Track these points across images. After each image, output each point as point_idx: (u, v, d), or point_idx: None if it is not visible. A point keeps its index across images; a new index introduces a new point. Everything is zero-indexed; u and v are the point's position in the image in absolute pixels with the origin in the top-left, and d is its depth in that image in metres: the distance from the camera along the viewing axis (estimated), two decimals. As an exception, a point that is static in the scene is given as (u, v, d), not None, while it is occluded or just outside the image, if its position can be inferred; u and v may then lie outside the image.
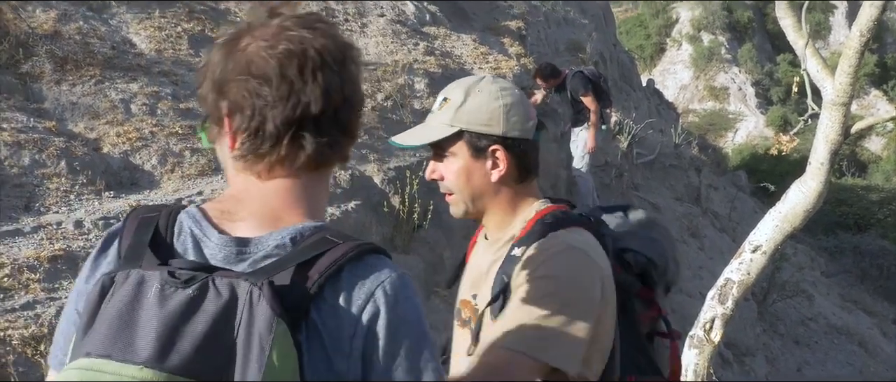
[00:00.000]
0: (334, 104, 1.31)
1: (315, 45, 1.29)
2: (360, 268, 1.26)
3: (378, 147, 7.70)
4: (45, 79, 6.27)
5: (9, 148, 5.36)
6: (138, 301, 1.15)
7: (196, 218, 1.32)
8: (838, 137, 5.59)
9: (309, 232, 1.29)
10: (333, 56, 1.31)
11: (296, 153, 1.31)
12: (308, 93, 1.28)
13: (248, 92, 1.28)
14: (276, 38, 1.29)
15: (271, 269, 1.21)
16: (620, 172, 12.86)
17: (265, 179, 1.33)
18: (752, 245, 6.00)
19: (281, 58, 1.27)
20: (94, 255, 1.35)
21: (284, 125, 1.28)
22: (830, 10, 52.08)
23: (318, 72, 1.28)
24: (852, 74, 5.39)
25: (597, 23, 19.07)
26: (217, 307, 1.14)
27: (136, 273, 1.18)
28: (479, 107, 1.99)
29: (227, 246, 1.28)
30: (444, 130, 2.02)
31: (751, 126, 45.56)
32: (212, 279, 1.17)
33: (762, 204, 18.06)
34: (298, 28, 1.30)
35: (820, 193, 5.76)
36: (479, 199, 2.07)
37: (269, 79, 1.27)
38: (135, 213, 1.35)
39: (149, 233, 1.29)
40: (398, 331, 1.25)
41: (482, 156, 2.01)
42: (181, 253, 1.28)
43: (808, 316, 14.00)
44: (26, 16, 6.79)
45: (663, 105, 23.86)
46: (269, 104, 1.27)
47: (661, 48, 51.48)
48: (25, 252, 4.50)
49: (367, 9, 11.11)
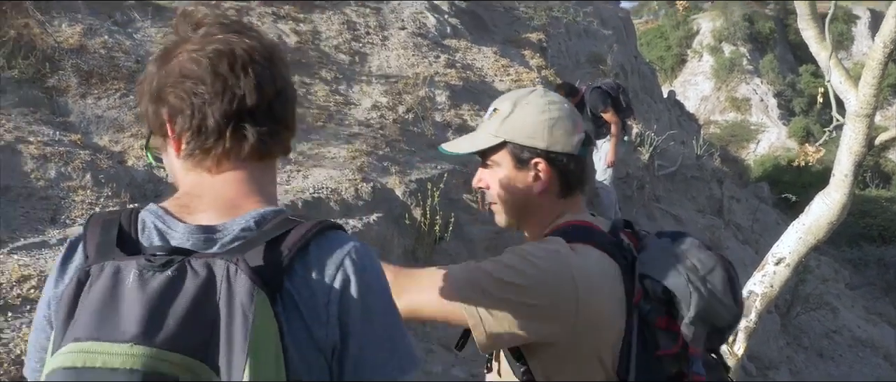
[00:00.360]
0: (267, 96, 1.38)
1: (242, 45, 1.37)
2: (326, 242, 1.34)
3: (399, 159, 7.72)
4: (71, 93, 6.34)
5: (35, 161, 5.42)
6: (117, 288, 1.19)
7: (158, 214, 1.36)
8: (862, 149, 5.56)
9: (271, 215, 1.35)
10: (260, 53, 1.38)
11: (240, 144, 1.38)
12: (242, 86, 1.35)
13: (185, 93, 1.35)
14: (203, 42, 1.37)
15: (243, 248, 1.27)
16: (642, 184, 12.81)
17: (215, 173, 1.40)
18: (776, 257, 5.97)
19: (211, 57, 1.35)
20: (60, 262, 1.38)
21: (224, 118, 1.35)
22: (853, 20, 51.78)
23: (249, 66, 1.36)
24: (876, 85, 5.37)
25: (618, 34, 19.05)
26: (196, 285, 1.18)
27: (110, 264, 1.22)
28: (524, 120, 1.99)
29: (194, 234, 1.32)
30: (488, 140, 2.02)
31: (773, 137, 45.28)
32: (187, 260, 1.22)
33: (785, 215, 17.95)
34: (223, 32, 1.39)
35: (844, 205, 5.73)
36: (520, 211, 2.07)
37: (203, 78, 1.34)
38: (94, 218, 1.37)
39: (114, 231, 1.32)
40: (369, 294, 1.33)
41: (525, 168, 2.00)
42: (147, 246, 1.31)
43: (832, 328, 13.88)
44: (53, 30, 6.87)
45: (684, 116, 23.77)
46: (207, 101, 1.34)
47: (682, 59, 51.29)
48: (51, 263, 4.53)
49: (388, 22, 11.16)
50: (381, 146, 7.76)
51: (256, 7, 9.39)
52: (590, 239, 1.92)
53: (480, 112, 9.80)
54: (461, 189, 7.85)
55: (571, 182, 2.03)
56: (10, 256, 4.55)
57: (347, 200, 6.47)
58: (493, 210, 2.13)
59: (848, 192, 5.70)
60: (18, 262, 4.49)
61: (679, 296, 1.86)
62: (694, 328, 1.87)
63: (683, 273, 1.88)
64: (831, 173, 5.80)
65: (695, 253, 1.92)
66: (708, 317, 1.86)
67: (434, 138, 8.67)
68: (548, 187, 2.01)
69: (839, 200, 5.71)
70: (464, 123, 9.42)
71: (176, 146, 1.40)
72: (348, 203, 6.46)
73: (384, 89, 9.01)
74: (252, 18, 9.10)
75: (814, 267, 14.54)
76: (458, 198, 7.72)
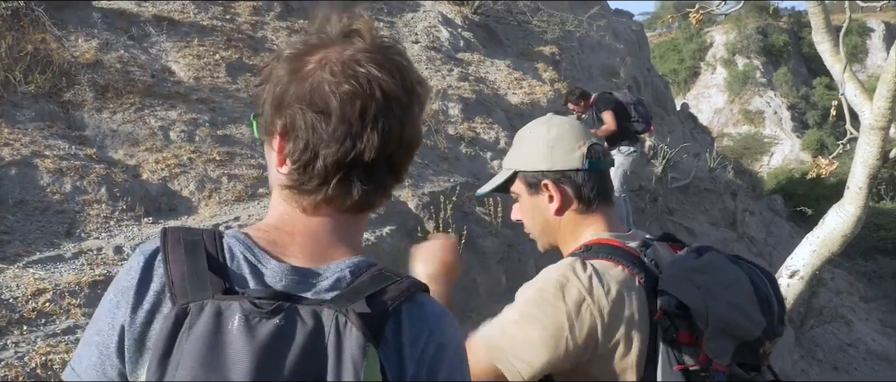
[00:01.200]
0: (390, 150, 1.27)
1: (383, 87, 1.24)
2: (417, 308, 1.27)
3: (412, 172, 7.73)
4: (87, 107, 6.38)
5: (51, 175, 5.46)
6: (221, 332, 1.13)
7: (247, 245, 1.29)
8: (877, 162, 5.55)
9: (364, 265, 1.29)
10: (399, 100, 1.26)
11: (343, 197, 1.28)
12: (365, 139, 1.24)
13: (304, 123, 1.24)
14: (344, 72, 1.24)
15: (348, 297, 1.21)
16: (655, 197, 12.79)
17: (311, 215, 1.31)
18: (790, 270, 5.95)
19: (344, 97, 1.23)
20: (137, 282, 1.26)
21: (334, 166, 1.25)
22: (867, 33, 51.66)
23: (380, 117, 1.24)
24: (891, 98, 5.36)
25: (631, 47, 19.06)
26: (305, 335, 1.13)
27: (211, 303, 1.15)
28: (527, 147, 2.09)
29: (289, 275, 1.25)
30: (502, 175, 2.14)
31: (786, 150, 45.15)
32: (295, 307, 1.16)
33: (799, 228, 17.89)
34: (369, 64, 1.25)
35: (858, 218, 5.72)
36: (546, 233, 2.13)
37: (329, 115, 1.23)
38: (173, 235, 1.28)
39: (203, 259, 1.24)
40: (454, 373, 1.27)
41: (537, 192, 2.08)
42: (237, 278, 1.24)
43: (846, 341, 13.81)
44: (69, 45, 6.92)
45: (698, 129, 23.72)
46: (324, 142, 1.24)
47: (695, 72, 51.25)
48: (67, 277, 4.57)
49: (401, 35, 11.20)
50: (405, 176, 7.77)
51: (271, 22, 9.44)
52: (609, 256, 1.94)
53: (493, 125, 9.82)
54: (474, 202, 7.86)
55: (588, 196, 2.05)
56: (26, 270, 4.58)
57: (361, 213, 6.48)
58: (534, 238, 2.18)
59: (862, 205, 5.68)
60: (34, 276, 4.52)
61: (694, 310, 1.83)
62: (716, 342, 1.82)
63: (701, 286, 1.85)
64: (846, 186, 5.78)
65: (717, 265, 1.90)
66: (730, 330, 1.82)
67: (447, 151, 8.69)
68: (563, 205, 2.05)
69: (854, 213, 5.69)
70: (476, 136, 9.44)
71: (279, 161, 1.30)
72: (361, 216, 6.47)
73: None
74: (266, 32, 9.15)
75: (828, 279, 14.49)
76: (471, 212, 7.72)
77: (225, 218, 5.77)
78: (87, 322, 4.23)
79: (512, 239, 7.85)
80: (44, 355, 3.91)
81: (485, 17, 13.65)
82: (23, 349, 3.95)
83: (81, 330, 4.16)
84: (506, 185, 2.15)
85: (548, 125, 2.10)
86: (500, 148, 9.50)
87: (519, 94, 11.27)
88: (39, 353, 3.92)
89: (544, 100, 11.43)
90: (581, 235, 2.06)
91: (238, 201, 6.10)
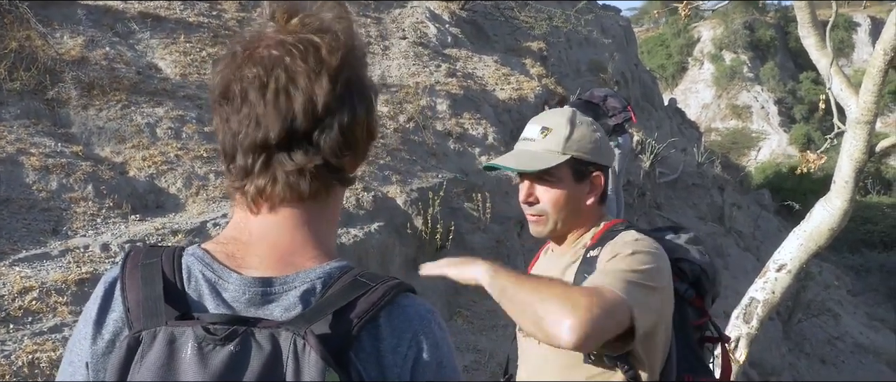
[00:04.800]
0: (304, 128, 1.18)
1: (285, 64, 1.18)
2: (397, 311, 1.21)
3: (400, 168, 7.73)
4: (72, 105, 6.35)
5: (37, 172, 5.43)
6: (174, 361, 1.09)
7: (205, 261, 1.23)
8: (863, 155, 5.57)
9: (337, 272, 1.22)
10: (305, 75, 1.18)
11: (272, 184, 1.21)
12: (268, 118, 1.17)
13: (221, 118, 1.21)
14: (248, 59, 1.21)
15: (310, 316, 1.14)
16: (643, 191, 12.82)
17: (258, 214, 1.25)
18: (777, 264, 5.97)
19: (245, 82, 1.19)
20: (97, 312, 1.23)
21: (251, 152, 1.19)
22: (854, 27, 51.86)
23: (281, 94, 1.17)
24: (876, 93, 5.38)
25: (618, 43, 19.10)
26: (261, 361, 1.09)
27: (163, 330, 1.11)
28: (584, 137, 2.22)
29: (252, 287, 1.20)
30: (555, 157, 2.20)
31: (774, 144, 45.33)
32: (250, 331, 1.11)
33: (786, 222, 17.95)
34: (272, 47, 1.21)
35: (845, 211, 5.74)
36: (570, 219, 2.25)
37: (234, 103, 1.19)
38: (132, 260, 1.24)
39: (159, 284, 1.19)
40: (440, 374, 1.21)
41: (583, 180, 2.23)
42: (196, 299, 1.20)
43: (834, 335, 13.88)
44: (54, 42, 6.89)
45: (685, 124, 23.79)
46: (235, 131, 1.19)
47: (682, 67, 51.41)
48: (53, 275, 4.55)
49: (389, 31, 11.19)
50: (382, 155, 7.77)
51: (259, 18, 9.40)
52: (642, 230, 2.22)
53: (481, 121, 9.81)
54: (462, 197, 7.86)
55: (607, 190, 2.30)
56: (12, 268, 4.56)
57: (349, 209, 6.48)
58: (535, 221, 2.28)
59: (849, 199, 5.70)
60: (20, 274, 4.50)
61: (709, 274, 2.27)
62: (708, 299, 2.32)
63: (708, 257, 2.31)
64: (832, 180, 5.80)
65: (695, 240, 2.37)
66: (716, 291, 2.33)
67: (435, 147, 8.68)
68: (598, 196, 2.27)
69: (840, 207, 5.71)
70: (464, 132, 9.43)
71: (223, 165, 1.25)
72: (349, 212, 6.47)
73: (385, 98, 9.02)
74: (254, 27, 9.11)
75: (816, 273, 14.56)
76: (460, 207, 7.72)
77: (213, 216, 5.75)
78: (73, 320, 4.23)
79: (500, 235, 7.86)
80: (30, 353, 3.89)
81: (472, 12, 13.64)
82: (9, 347, 3.92)
83: (68, 329, 4.14)
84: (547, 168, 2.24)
85: (591, 121, 2.29)
86: (488, 143, 9.50)
87: (507, 90, 11.27)
88: (26, 352, 3.90)
89: (532, 96, 11.43)
90: (593, 222, 2.28)
91: (226, 198, 6.08)
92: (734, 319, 6.02)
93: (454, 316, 6.70)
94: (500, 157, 2.34)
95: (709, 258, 2.34)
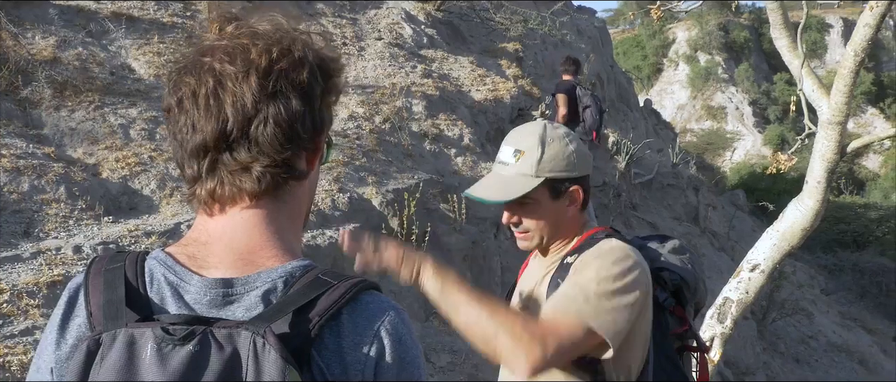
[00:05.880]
0: (241, 128, 1.20)
1: (214, 69, 1.21)
2: (359, 308, 1.22)
3: (376, 169, 7.72)
4: (45, 105, 6.30)
5: (8, 174, 5.38)
6: (134, 363, 1.09)
7: (167, 264, 1.24)
8: (835, 156, 5.61)
9: (299, 271, 1.23)
10: (233, 77, 1.20)
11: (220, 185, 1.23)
12: (202, 122, 1.20)
13: (168, 130, 1.26)
14: (183, 70, 1.24)
15: (269, 316, 1.15)
16: (618, 192, 12.86)
17: (214, 215, 1.27)
18: (751, 264, 6.01)
19: (181, 92, 1.22)
20: (60, 319, 1.24)
21: (194, 156, 1.22)
22: (826, 29, 52.32)
23: (212, 97, 1.20)
24: (847, 94, 5.42)
25: (594, 44, 19.14)
26: (221, 361, 1.09)
27: (123, 333, 1.11)
28: (556, 156, 2.22)
29: (212, 289, 1.21)
30: (529, 182, 2.21)
31: (748, 145, 45.67)
32: (209, 331, 1.11)
33: (761, 222, 18.08)
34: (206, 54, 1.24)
35: (817, 212, 5.78)
36: (555, 233, 2.29)
37: (173, 112, 1.23)
38: (95, 267, 1.25)
39: (121, 287, 1.20)
40: (403, 371, 1.22)
41: (560, 197, 2.24)
42: (158, 302, 1.21)
43: (808, 334, 13.98)
44: (26, 42, 6.82)
45: (661, 125, 23.90)
46: (180, 140, 1.23)
47: (658, 68, 51.71)
48: (25, 277, 4.50)
49: (364, 32, 11.17)
50: (357, 156, 7.76)
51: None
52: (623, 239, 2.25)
53: (457, 122, 9.81)
54: (437, 199, 7.85)
55: (588, 196, 2.31)
56: (-17, 270, 4.51)
57: (324, 211, 6.46)
58: (522, 238, 2.31)
59: (821, 199, 5.74)
60: (-9, 276, 4.45)
61: (690, 284, 2.31)
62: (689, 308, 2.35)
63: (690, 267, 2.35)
64: (805, 180, 5.85)
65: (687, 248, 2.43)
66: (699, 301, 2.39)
67: (411, 148, 8.68)
68: (578, 206, 2.28)
69: (813, 207, 5.76)
70: (440, 133, 9.43)
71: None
72: (325, 213, 6.46)
73: (361, 99, 9.00)
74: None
75: (789, 273, 14.67)
76: (436, 208, 7.72)
77: (186, 217, 5.71)
78: (45, 322, 4.18)
79: (476, 236, 7.86)
80: (1, 356, 3.85)
81: (448, 14, 13.65)
82: (-20, 350, 3.89)
83: (39, 331, 4.11)
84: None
85: (563, 133, 2.27)
86: (465, 144, 9.51)
87: (482, 91, 11.29)
88: (-3, 354, 3.87)
89: (508, 97, 11.45)
90: (580, 228, 2.32)
91: (200, 199, 6.05)
92: (708, 319, 6.05)
93: (430, 318, 6.69)
94: (478, 186, 2.34)
95: (692, 267, 2.37)
